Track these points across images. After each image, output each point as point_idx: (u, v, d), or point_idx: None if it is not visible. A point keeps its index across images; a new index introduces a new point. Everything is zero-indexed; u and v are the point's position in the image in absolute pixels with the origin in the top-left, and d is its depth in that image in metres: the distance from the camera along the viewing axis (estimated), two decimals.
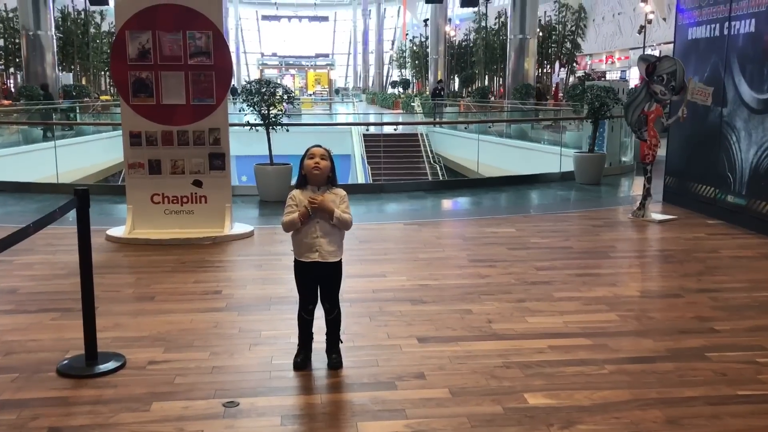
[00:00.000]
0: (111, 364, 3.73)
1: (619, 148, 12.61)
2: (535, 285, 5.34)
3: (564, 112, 21.27)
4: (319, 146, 3.67)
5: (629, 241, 7.15)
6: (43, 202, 9.20)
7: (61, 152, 13.50)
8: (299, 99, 36.73)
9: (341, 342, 3.79)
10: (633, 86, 19.61)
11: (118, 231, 7.01)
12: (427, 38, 45.75)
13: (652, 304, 4.91)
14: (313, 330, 3.79)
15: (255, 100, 8.90)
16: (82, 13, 35.69)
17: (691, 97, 7.69)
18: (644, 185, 8.03)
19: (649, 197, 8.01)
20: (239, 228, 7.22)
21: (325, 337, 3.79)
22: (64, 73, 30.16)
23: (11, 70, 35.53)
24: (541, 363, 3.78)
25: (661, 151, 8.45)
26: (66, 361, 3.78)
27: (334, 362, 3.72)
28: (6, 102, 27.41)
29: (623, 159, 12.87)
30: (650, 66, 7.75)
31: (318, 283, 3.69)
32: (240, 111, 9.61)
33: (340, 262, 3.67)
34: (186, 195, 7.06)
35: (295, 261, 3.68)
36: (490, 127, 16.26)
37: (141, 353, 3.95)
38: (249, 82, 9.17)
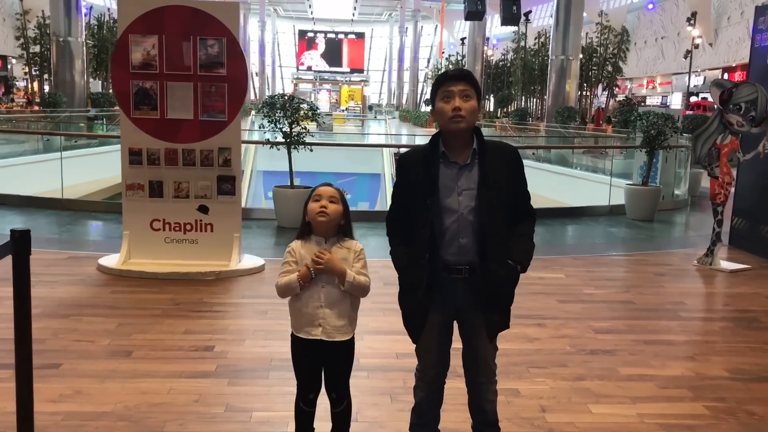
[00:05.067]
0: None
1: (673, 180, 11.54)
2: (596, 355, 4.37)
3: (607, 138, 20.21)
4: (329, 185, 2.79)
5: (700, 297, 6.12)
6: (41, 219, 8.47)
7: (74, 163, 12.84)
8: (331, 115, 36.08)
9: None
10: (683, 113, 18.48)
11: (111, 260, 6.19)
12: (463, 57, 44.97)
13: (747, 390, 3.89)
14: (316, 422, 2.88)
15: (276, 116, 8.07)
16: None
17: None
18: (713, 229, 6.99)
19: (718, 242, 6.97)
20: (248, 261, 6.35)
21: None
22: (93, 80, 29.95)
23: (46, 76, 35.61)
24: None
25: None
26: None
27: None
28: (37, 108, 27.23)
29: (677, 192, 11.79)
30: (725, 92, 6.75)
31: (322, 366, 2.78)
32: (260, 128, 8.75)
33: (351, 341, 2.76)
34: (190, 222, 6.22)
35: (292, 336, 2.78)
36: (533, 153, 15.25)
37: None
38: (271, 96, 8.35)
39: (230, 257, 6.17)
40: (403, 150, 21.18)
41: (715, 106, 6.93)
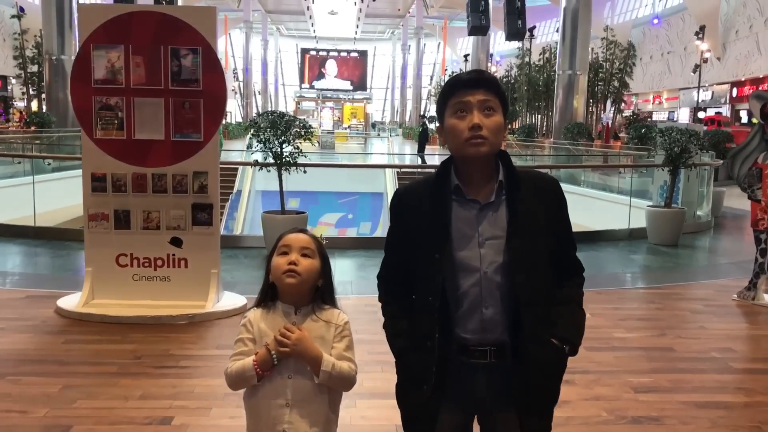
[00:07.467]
0: None
1: (696, 200, 10.76)
2: (640, 425, 3.57)
3: (620, 155, 19.51)
4: (303, 231, 2.03)
5: (749, 341, 5.31)
6: (6, 251, 7.72)
7: (59, 186, 12.14)
8: (332, 133, 35.38)
9: None
10: (705, 128, 17.60)
11: (71, 301, 5.42)
12: None
13: None
14: None
15: (265, 136, 7.33)
16: None
17: None
18: (756, 259, 6.19)
19: (762, 275, 6.17)
20: (228, 301, 5.58)
21: None
22: None
23: (43, 96, 35.07)
24: None
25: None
26: None
27: None
28: (32, 129, 26.59)
29: (699, 213, 10.99)
30: (767, 105, 6.00)
31: None
32: (248, 148, 8.01)
33: None
34: (161, 257, 5.46)
35: None
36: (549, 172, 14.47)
37: None
38: (260, 115, 7.62)
39: (207, 297, 5.40)
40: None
41: (755, 121, 6.17)
